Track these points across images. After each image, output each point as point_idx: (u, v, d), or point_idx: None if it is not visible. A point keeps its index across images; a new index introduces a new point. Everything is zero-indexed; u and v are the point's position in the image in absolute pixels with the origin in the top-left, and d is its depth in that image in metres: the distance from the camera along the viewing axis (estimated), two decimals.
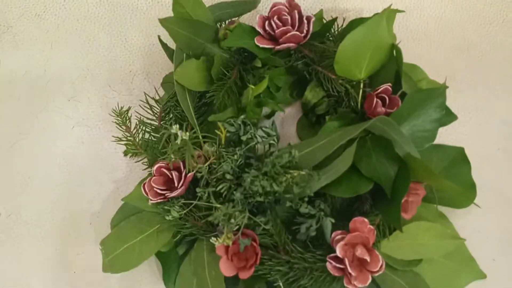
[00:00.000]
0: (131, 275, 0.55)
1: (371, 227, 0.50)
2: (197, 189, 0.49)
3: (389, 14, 0.57)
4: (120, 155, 0.59)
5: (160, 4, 0.69)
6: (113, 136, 0.51)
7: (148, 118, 0.56)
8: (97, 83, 0.66)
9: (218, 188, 0.48)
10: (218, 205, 0.46)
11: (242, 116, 0.50)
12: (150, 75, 0.66)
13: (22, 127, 0.65)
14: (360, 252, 0.48)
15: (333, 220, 0.48)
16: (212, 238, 0.44)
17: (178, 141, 0.44)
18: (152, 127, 0.55)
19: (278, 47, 0.55)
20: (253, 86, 0.53)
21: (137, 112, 0.54)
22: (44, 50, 0.68)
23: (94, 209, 0.61)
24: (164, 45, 0.62)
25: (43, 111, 0.65)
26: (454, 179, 0.56)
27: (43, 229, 0.61)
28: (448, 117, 0.56)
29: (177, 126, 0.43)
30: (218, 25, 0.60)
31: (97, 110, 0.65)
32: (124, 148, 0.56)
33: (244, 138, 0.49)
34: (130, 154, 0.57)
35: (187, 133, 0.44)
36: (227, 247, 0.48)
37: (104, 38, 0.68)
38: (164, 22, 0.52)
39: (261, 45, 0.55)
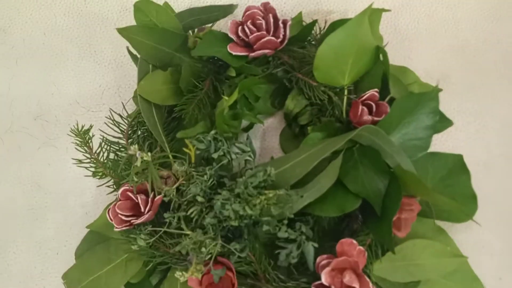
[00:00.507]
0: None
1: (361, 248, 0.45)
2: (165, 214, 0.44)
3: (373, 13, 0.53)
4: (89, 177, 0.54)
5: (132, 14, 0.65)
6: (72, 158, 0.46)
7: (115, 137, 0.52)
8: (65, 100, 0.62)
9: (188, 213, 0.44)
10: (188, 232, 0.41)
11: (212, 132, 0.45)
12: (121, 89, 0.62)
13: None
14: (349, 278, 0.43)
15: (315, 245, 0.43)
16: (177, 272, 0.39)
17: (138, 163, 0.39)
18: (120, 146, 0.51)
19: (253, 54, 0.50)
20: (226, 97, 0.49)
21: (101, 131, 0.50)
22: (9, 67, 0.64)
23: (61, 236, 0.56)
24: (133, 57, 0.58)
25: (8, 131, 0.61)
26: (453, 189, 0.52)
27: (6, 260, 0.56)
28: (443, 122, 0.52)
29: (136, 146, 0.39)
30: (190, 32, 0.56)
31: (64, 128, 0.60)
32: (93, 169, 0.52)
33: (215, 155, 0.44)
34: (98, 176, 0.52)
35: (149, 154, 0.39)
36: (199, 279, 0.43)
37: (72, 51, 0.64)
38: (123, 31, 0.48)
39: (234, 53, 0.50)
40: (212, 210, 0.44)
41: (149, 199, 0.45)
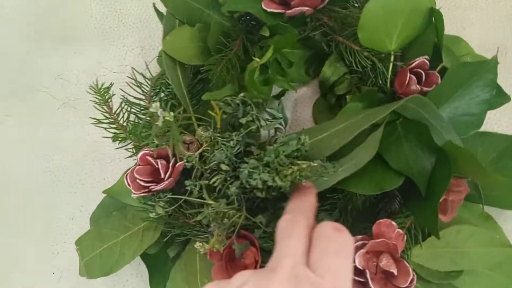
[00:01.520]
0: (116, 278, 0.48)
1: (400, 231, 0.41)
2: (186, 182, 0.41)
3: None
4: (108, 141, 0.51)
5: None
6: (90, 118, 0.43)
7: (137, 98, 0.48)
8: (87, 60, 0.59)
9: (211, 181, 0.40)
10: (210, 202, 0.38)
11: (241, 94, 0.41)
12: (145, 50, 0.58)
13: (8, 109, 0.59)
14: (386, 263, 0.39)
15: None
16: (197, 243, 0.35)
17: (160, 122, 0.35)
18: (141, 107, 0.47)
19: (290, 11, 0.45)
20: (258, 59, 0.44)
21: (122, 90, 0.46)
22: (31, 23, 0.61)
23: (77, 201, 0.54)
24: (159, 14, 0.54)
25: (29, 91, 0.59)
26: (504, 174, 0.47)
27: (21, 221, 0.54)
28: (499, 98, 0.47)
29: (158, 104, 0.35)
30: None
31: (85, 89, 0.57)
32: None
33: (243, 120, 0.40)
34: (118, 140, 0.49)
35: (171, 113, 0.36)
36: (221, 252, 0.40)
37: (96, 8, 0.60)
38: None
39: (269, 10, 0.45)
40: (237, 180, 0.40)
41: (170, 165, 0.42)
